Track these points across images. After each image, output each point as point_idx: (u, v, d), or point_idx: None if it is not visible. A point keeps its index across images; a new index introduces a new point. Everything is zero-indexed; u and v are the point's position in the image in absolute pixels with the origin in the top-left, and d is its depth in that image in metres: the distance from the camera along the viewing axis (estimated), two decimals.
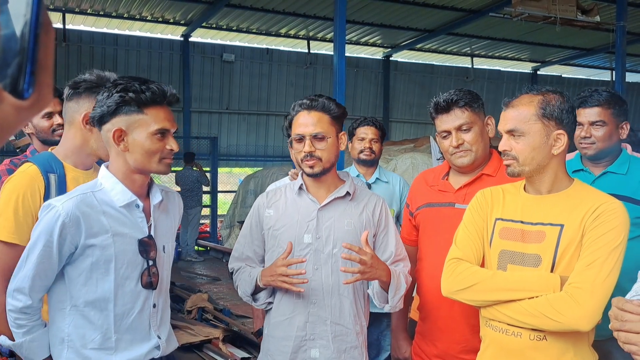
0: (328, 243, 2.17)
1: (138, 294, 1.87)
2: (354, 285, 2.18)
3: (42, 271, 1.78)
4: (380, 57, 16.49)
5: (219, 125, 15.01)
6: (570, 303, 1.66)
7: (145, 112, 1.80)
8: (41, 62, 0.52)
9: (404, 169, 6.95)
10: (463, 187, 2.28)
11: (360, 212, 2.22)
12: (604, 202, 1.76)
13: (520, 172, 1.82)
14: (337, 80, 8.64)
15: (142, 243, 1.87)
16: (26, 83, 0.52)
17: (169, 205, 2.05)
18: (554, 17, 9.11)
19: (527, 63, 17.68)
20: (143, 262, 1.87)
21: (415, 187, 2.51)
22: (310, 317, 2.15)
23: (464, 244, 1.94)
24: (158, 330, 1.95)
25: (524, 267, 1.80)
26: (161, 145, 1.83)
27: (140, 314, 1.88)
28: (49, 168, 2.10)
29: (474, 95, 2.27)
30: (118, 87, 1.78)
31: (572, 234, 1.75)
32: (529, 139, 1.79)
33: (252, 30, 13.98)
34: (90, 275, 1.81)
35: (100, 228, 1.80)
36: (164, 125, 1.82)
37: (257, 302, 2.23)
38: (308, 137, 2.13)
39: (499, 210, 1.92)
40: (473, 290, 1.82)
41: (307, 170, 2.16)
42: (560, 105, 1.83)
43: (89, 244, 1.78)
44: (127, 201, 1.85)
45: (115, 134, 1.80)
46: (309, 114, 2.15)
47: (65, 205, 1.77)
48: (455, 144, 2.21)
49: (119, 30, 13.77)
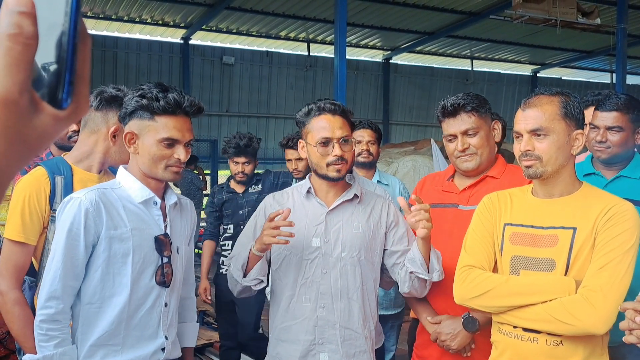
0: (337, 247, 2.15)
1: (151, 289, 1.90)
2: (363, 289, 2.16)
3: (70, 268, 1.79)
4: (380, 59, 16.50)
5: (219, 128, 14.99)
6: (584, 306, 1.64)
7: (156, 119, 1.84)
8: (79, 72, 0.51)
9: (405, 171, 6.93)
10: (467, 188, 2.28)
11: (369, 215, 2.20)
12: (615, 204, 1.74)
13: (542, 172, 1.78)
14: (337, 82, 8.64)
15: (158, 240, 1.91)
16: (65, 93, 0.51)
17: (183, 210, 2.10)
18: (554, 19, 9.11)
19: (527, 65, 17.70)
20: (158, 258, 1.91)
21: (419, 187, 2.50)
22: (319, 321, 2.12)
23: (474, 251, 1.92)
24: (167, 330, 1.96)
25: (537, 272, 1.78)
26: (168, 153, 1.86)
27: (150, 311, 1.91)
28: (56, 170, 2.15)
29: (482, 100, 2.26)
30: (139, 91, 1.85)
31: (585, 236, 1.73)
32: (553, 138, 1.77)
33: (252, 32, 13.98)
34: (107, 270, 1.83)
35: (120, 221, 1.84)
36: (171, 135, 1.85)
37: (247, 278, 2.15)
38: (336, 141, 2.11)
39: (507, 215, 1.91)
40: (487, 296, 1.80)
41: (333, 175, 2.12)
42: (578, 105, 1.82)
43: (108, 236, 1.82)
44: (145, 197, 1.90)
45: (127, 136, 1.87)
46: (334, 118, 2.13)
47: (88, 195, 1.82)
48: (460, 148, 2.21)
49: (119, 33, 13.77)
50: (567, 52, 15.92)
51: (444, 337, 2.18)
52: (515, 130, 1.84)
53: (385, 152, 8.84)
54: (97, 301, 1.84)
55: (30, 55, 0.49)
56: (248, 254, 2.12)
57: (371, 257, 2.19)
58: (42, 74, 0.50)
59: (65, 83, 0.50)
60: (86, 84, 0.53)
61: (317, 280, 2.12)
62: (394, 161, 7.48)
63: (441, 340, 2.19)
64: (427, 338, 2.29)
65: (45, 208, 2.09)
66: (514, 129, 1.85)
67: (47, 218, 2.11)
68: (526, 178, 1.85)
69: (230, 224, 4.05)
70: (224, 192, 4.12)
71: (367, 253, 2.17)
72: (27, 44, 0.48)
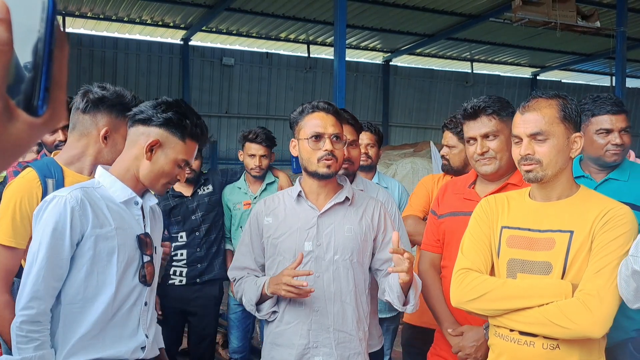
0: (329, 250, 2.15)
1: (133, 288, 1.90)
2: (356, 291, 2.16)
3: (53, 268, 1.76)
4: (380, 61, 16.50)
5: (219, 129, 14.99)
6: (581, 310, 1.64)
7: (186, 142, 1.90)
8: (55, 78, 0.51)
9: (404, 174, 6.92)
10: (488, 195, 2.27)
11: (360, 217, 2.20)
12: (612, 208, 1.74)
13: (543, 176, 1.78)
14: (337, 84, 8.64)
15: (140, 239, 1.92)
16: (40, 100, 0.50)
17: (155, 214, 2.10)
18: (554, 22, 9.11)
19: (526, 68, 17.70)
20: (140, 257, 1.91)
21: (441, 193, 2.49)
22: (313, 324, 2.12)
23: (471, 253, 1.91)
24: (147, 330, 1.96)
25: (534, 275, 1.78)
26: (176, 172, 1.92)
27: (131, 310, 1.90)
28: (47, 173, 2.13)
29: (504, 103, 2.25)
30: (180, 108, 1.89)
31: (582, 240, 1.73)
32: (553, 142, 1.77)
33: (252, 34, 13.99)
34: (91, 269, 1.81)
35: (105, 219, 1.83)
36: (187, 158, 1.92)
37: (261, 312, 2.20)
38: (327, 136, 2.12)
39: (504, 218, 1.90)
40: (484, 299, 1.80)
41: (323, 171, 2.12)
42: (576, 108, 1.82)
43: (94, 234, 1.80)
44: (127, 197, 1.90)
45: (152, 143, 1.86)
46: (327, 116, 2.14)
47: (73, 194, 1.79)
48: (480, 151, 2.20)
49: (119, 33, 13.77)
50: (566, 54, 15.93)
51: (469, 350, 2.16)
52: (515, 134, 1.83)
53: (384, 154, 8.84)
54: (80, 301, 1.81)
55: (4, 62, 0.48)
56: (261, 291, 2.15)
57: (362, 259, 2.20)
58: (17, 80, 0.50)
59: (41, 90, 0.50)
60: (63, 89, 0.53)
61: (310, 285, 2.12)
62: (393, 163, 7.48)
63: (465, 353, 2.17)
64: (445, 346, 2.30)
65: None
66: (512, 133, 1.85)
67: None
68: (526, 182, 1.85)
69: (182, 231, 3.68)
70: (169, 197, 3.66)
71: (359, 255, 2.18)
72: (1, 50, 0.48)
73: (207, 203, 3.71)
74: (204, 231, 3.71)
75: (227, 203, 3.83)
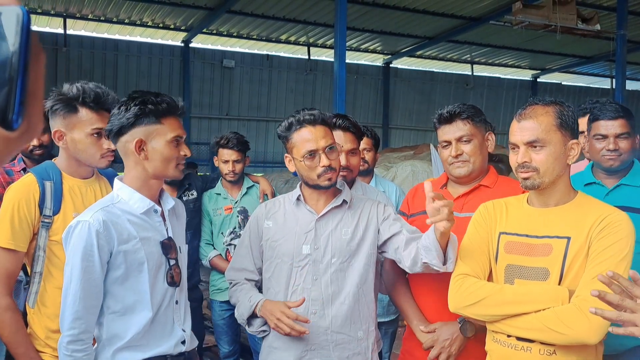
0: (327, 253, 2.16)
1: (165, 291, 1.99)
2: (355, 293, 2.17)
3: (90, 288, 1.84)
4: (380, 63, 16.51)
5: (219, 131, 14.92)
6: (577, 316, 1.64)
7: (162, 122, 1.91)
8: (31, 91, 0.51)
9: (404, 176, 6.92)
10: (461, 196, 2.30)
11: (358, 219, 2.21)
12: (609, 214, 1.75)
13: (540, 183, 1.79)
14: (337, 87, 8.66)
15: (164, 245, 1.99)
16: (15, 113, 0.50)
17: (178, 211, 2.16)
18: (554, 25, 9.12)
19: (527, 70, 17.71)
20: (166, 262, 1.99)
21: (411, 194, 2.50)
22: (311, 327, 2.13)
23: (469, 259, 1.92)
24: (182, 325, 2.06)
25: (532, 281, 1.78)
26: (177, 151, 1.94)
27: (166, 311, 2.00)
28: (46, 176, 2.16)
29: (477, 110, 2.30)
30: (136, 100, 1.89)
31: (579, 246, 1.74)
32: (550, 149, 1.77)
33: (252, 36, 14.00)
34: (126, 279, 1.90)
35: (129, 234, 1.90)
36: (179, 133, 1.94)
37: (252, 327, 2.22)
38: (321, 151, 2.11)
39: (502, 224, 1.91)
40: (481, 305, 1.80)
41: (325, 184, 2.13)
42: (572, 114, 1.83)
43: (121, 250, 1.88)
44: (146, 207, 1.95)
45: (137, 144, 1.89)
46: (315, 128, 2.13)
47: (94, 216, 1.85)
48: (454, 153, 2.23)
49: (120, 35, 13.79)
50: (567, 57, 15.94)
51: (442, 343, 2.17)
52: (511, 142, 1.84)
53: (384, 156, 8.84)
54: (121, 309, 1.91)
55: None
56: (253, 309, 2.17)
57: (364, 262, 2.19)
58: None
59: (16, 103, 0.50)
60: (39, 101, 0.52)
61: (307, 287, 2.14)
62: (393, 166, 7.48)
63: (440, 347, 2.18)
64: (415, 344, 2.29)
65: (35, 214, 2.11)
66: (509, 140, 1.85)
67: (37, 224, 2.12)
68: (523, 189, 1.85)
69: None
70: None
71: (358, 258, 2.18)
72: None
73: (192, 209, 3.69)
74: (189, 237, 3.69)
75: (207, 209, 3.83)
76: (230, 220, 3.78)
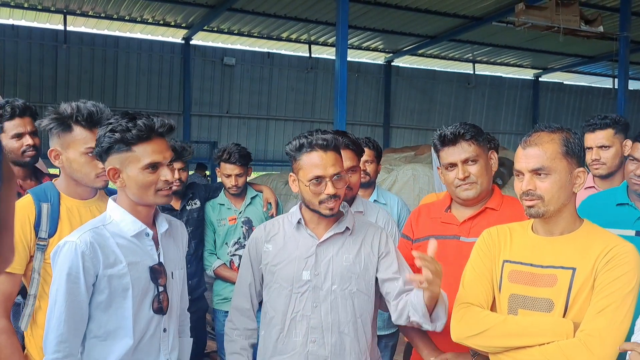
0: (327, 280, 2.11)
1: (150, 319, 1.93)
2: (357, 322, 2.12)
3: (74, 310, 1.81)
4: (382, 62, 16.46)
5: (219, 129, 14.96)
6: (582, 351, 1.61)
7: (134, 149, 1.84)
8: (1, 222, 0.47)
9: (404, 180, 6.88)
10: (467, 220, 2.24)
11: (359, 246, 2.16)
12: (616, 245, 1.70)
13: (544, 212, 1.74)
14: (338, 85, 8.61)
15: (153, 270, 1.94)
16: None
17: (174, 234, 2.11)
18: (557, 27, 9.07)
19: (529, 70, 17.66)
20: (154, 288, 1.94)
21: (415, 216, 2.45)
22: (310, 355, 2.09)
23: (472, 288, 1.88)
24: (169, 354, 2.00)
25: (536, 312, 1.74)
26: (154, 177, 1.87)
27: (151, 339, 1.94)
28: (43, 197, 2.13)
29: (479, 129, 2.25)
30: (108, 127, 1.85)
31: (584, 277, 1.69)
32: (555, 178, 1.73)
33: (253, 34, 13.95)
34: (109, 304, 1.86)
35: (116, 258, 1.86)
36: (153, 159, 1.86)
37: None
38: (328, 179, 2.04)
39: (506, 252, 1.86)
40: (484, 336, 1.76)
41: (326, 213, 2.07)
42: (579, 142, 1.78)
43: (106, 274, 1.83)
44: (137, 230, 1.91)
45: (110, 172, 1.87)
46: (326, 154, 2.06)
47: (82, 238, 1.82)
48: (461, 176, 2.17)
49: (120, 32, 13.74)
50: (569, 57, 15.89)
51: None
52: (516, 169, 1.79)
53: (385, 157, 8.79)
54: (103, 334, 1.87)
55: None
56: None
57: (364, 289, 2.14)
58: None
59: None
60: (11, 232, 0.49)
61: (307, 314, 2.09)
62: (394, 168, 7.44)
63: None
64: None
65: (30, 236, 2.06)
66: (514, 167, 1.81)
67: (33, 246, 2.08)
68: (528, 217, 1.81)
69: None
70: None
71: (359, 285, 2.13)
72: None
73: (196, 218, 3.68)
74: (194, 247, 3.68)
75: (211, 219, 3.79)
76: (235, 230, 3.75)
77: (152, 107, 13.77)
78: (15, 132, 2.61)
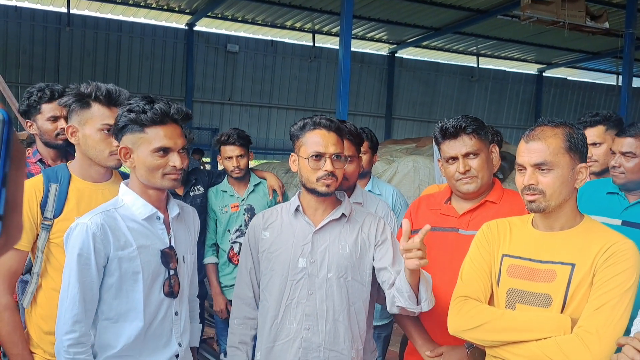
0: (323, 267, 2.12)
1: (161, 302, 1.96)
2: (351, 310, 2.13)
3: (86, 291, 1.84)
4: (386, 53, 16.40)
5: (221, 116, 14.94)
6: (579, 347, 1.61)
7: (146, 131, 1.88)
8: (10, 202, 0.48)
9: (405, 172, 6.88)
10: (467, 212, 2.24)
11: (356, 234, 2.16)
12: (616, 242, 1.70)
13: (546, 207, 1.74)
14: (341, 75, 8.59)
15: (164, 254, 1.96)
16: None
17: (186, 219, 2.14)
18: (562, 22, 9.03)
19: (532, 64, 17.61)
20: (165, 271, 1.97)
21: (414, 208, 2.45)
22: (303, 342, 2.10)
23: (470, 281, 1.88)
24: (180, 337, 2.03)
25: (534, 306, 1.74)
26: (163, 162, 1.90)
27: (163, 322, 1.97)
28: (53, 178, 2.15)
29: (480, 123, 2.23)
30: (126, 106, 1.88)
31: (583, 274, 1.69)
32: (558, 173, 1.72)
33: (257, 21, 13.90)
34: (120, 287, 1.89)
35: (126, 241, 1.89)
36: (163, 144, 1.88)
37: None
38: (328, 156, 2.08)
39: (505, 246, 1.86)
40: (481, 329, 1.76)
41: (322, 190, 2.09)
42: (582, 137, 1.77)
43: (117, 257, 1.87)
44: (148, 214, 1.94)
45: (122, 151, 1.91)
46: (329, 134, 2.10)
47: (93, 220, 1.85)
48: (462, 170, 2.17)
49: (124, 16, 13.69)
50: (573, 52, 15.84)
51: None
52: (518, 163, 1.79)
53: (386, 148, 8.79)
54: (114, 317, 1.90)
55: None
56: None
57: (360, 277, 2.15)
58: None
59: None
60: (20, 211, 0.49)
61: (302, 302, 2.10)
62: (395, 160, 7.43)
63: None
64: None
65: (37, 214, 2.08)
66: (516, 161, 1.80)
67: (39, 225, 2.09)
68: (528, 211, 1.81)
69: None
70: None
71: (354, 273, 2.13)
72: None
73: (199, 205, 3.67)
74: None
75: (213, 206, 3.79)
76: (237, 218, 3.74)
77: (154, 92, 13.67)
78: (52, 115, 2.70)
